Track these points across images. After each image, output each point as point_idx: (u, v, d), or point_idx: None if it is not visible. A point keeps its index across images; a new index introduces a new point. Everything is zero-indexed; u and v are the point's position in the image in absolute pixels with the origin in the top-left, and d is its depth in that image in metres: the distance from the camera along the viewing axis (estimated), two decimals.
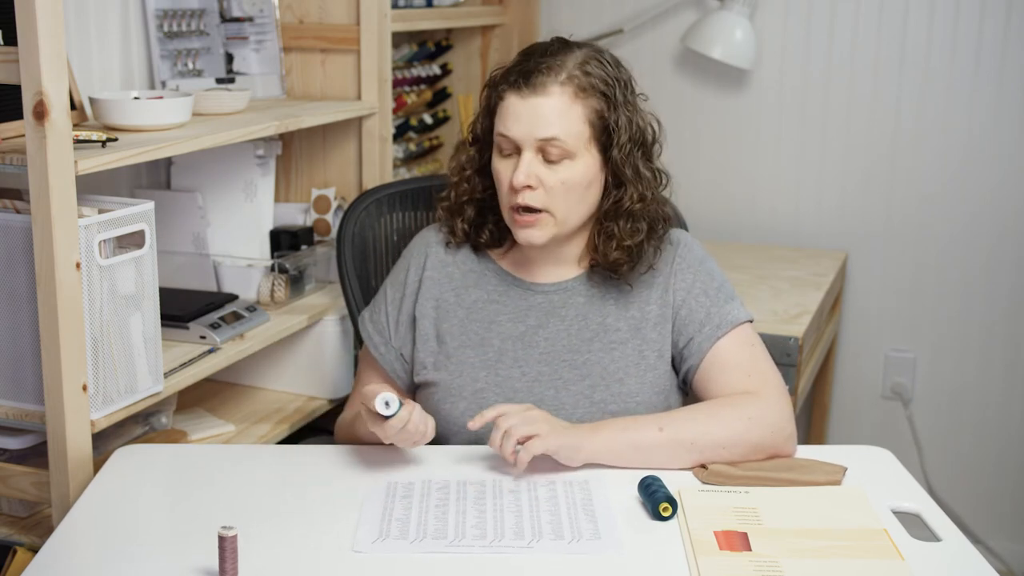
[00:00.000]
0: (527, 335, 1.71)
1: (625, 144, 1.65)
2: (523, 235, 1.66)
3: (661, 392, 1.69)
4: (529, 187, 1.62)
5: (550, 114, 1.61)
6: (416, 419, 1.53)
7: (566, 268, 1.74)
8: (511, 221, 1.67)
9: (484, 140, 1.74)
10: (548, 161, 1.62)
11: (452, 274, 1.77)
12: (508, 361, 1.70)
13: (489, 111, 1.71)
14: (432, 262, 1.78)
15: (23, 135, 1.51)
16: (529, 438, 1.53)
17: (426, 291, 1.76)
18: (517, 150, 1.64)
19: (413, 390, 1.78)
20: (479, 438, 1.66)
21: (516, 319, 1.72)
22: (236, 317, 1.99)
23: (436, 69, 2.91)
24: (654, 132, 1.71)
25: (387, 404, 1.50)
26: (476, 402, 1.67)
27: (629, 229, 1.67)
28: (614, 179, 1.67)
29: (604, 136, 1.65)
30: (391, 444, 1.66)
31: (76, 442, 1.59)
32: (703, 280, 1.71)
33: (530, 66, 1.64)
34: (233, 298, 2.08)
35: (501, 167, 1.66)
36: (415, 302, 1.76)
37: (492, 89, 1.70)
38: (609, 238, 1.68)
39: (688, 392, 1.73)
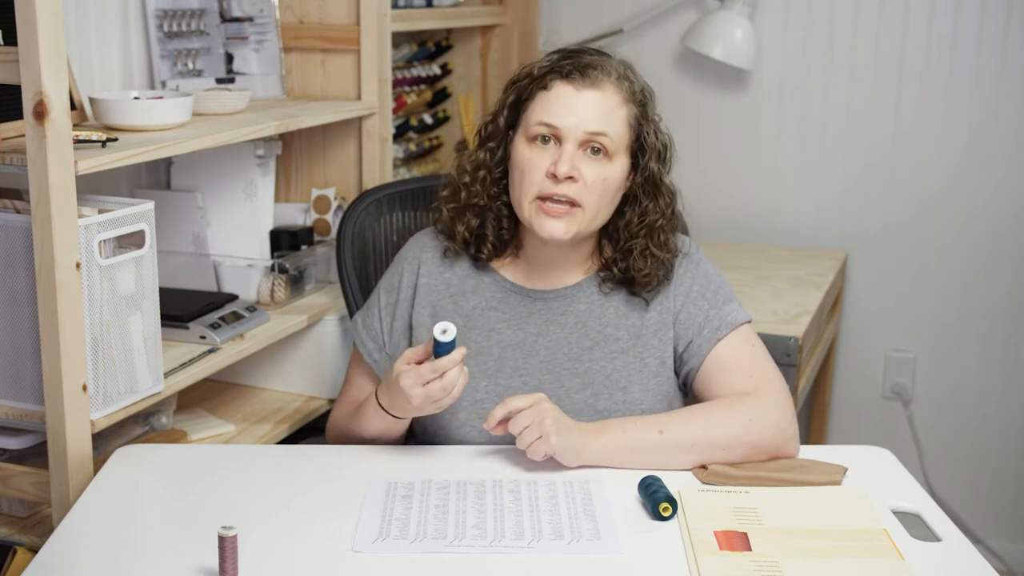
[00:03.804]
0: (527, 343, 1.69)
1: (654, 158, 1.67)
2: (548, 227, 1.62)
3: (665, 399, 1.68)
4: (571, 178, 1.61)
5: (603, 109, 1.62)
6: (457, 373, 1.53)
7: (567, 274, 1.72)
8: (533, 212, 1.63)
9: (498, 138, 1.70)
10: (588, 156, 1.62)
11: (449, 280, 1.74)
12: (508, 370, 1.68)
13: (517, 104, 1.68)
14: (427, 268, 1.75)
15: (23, 135, 1.51)
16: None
17: (422, 298, 1.73)
18: (557, 140, 1.62)
19: None
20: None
21: (515, 326, 1.70)
22: (236, 317, 1.99)
23: (436, 69, 2.91)
24: (669, 150, 1.72)
25: (444, 331, 1.49)
26: (476, 412, 1.66)
27: (663, 242, 1.68)
28: (644, 192, 1.68)
29: (636, 145, 1.66)
30: (387, 443, 1.67)
31: (76, 442, 1.59)
32: (700, 283, 1.71)
33: (583, 61, 1.64)
34: (233, 298, 2.08)
35: (532, 155, 1.63)
36: (411, 309, 1.74)
37: (531, 81, 1.66)
38: (643, 253, 1.67)
39: (688, 395, 1.73)
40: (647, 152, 1.66)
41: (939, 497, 2.99)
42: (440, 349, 1.51)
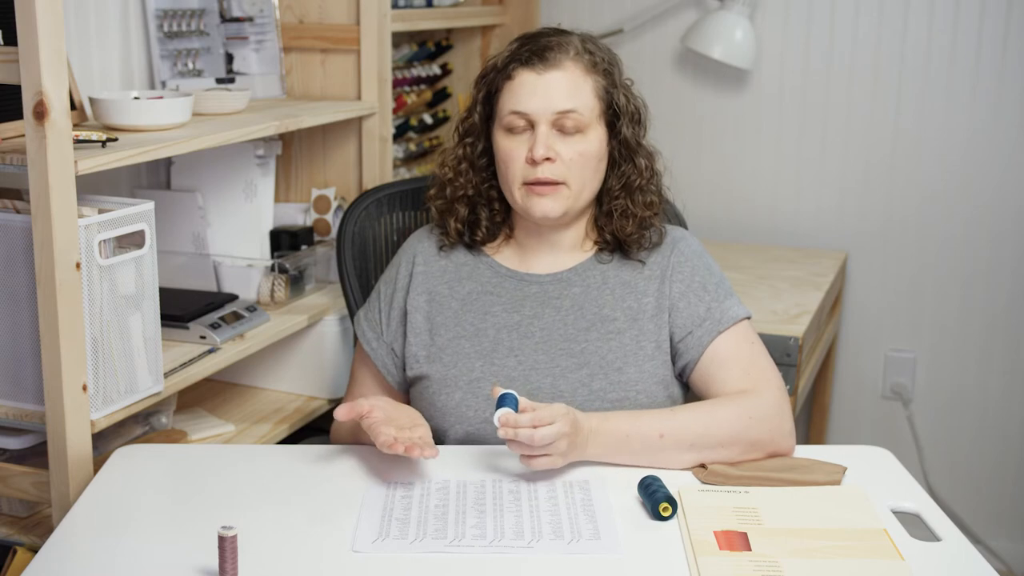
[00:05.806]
0: (522, 324, 1.71)
1: (628, 121, 1.71)
2: (539, 207, 1.67)
3: (661, 382, 1.68)
4: (548, 160, 1.65)
5: (567, 87, 1.66)
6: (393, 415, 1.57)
7: (562, 258, 1.75)
8: (524, 196, 1.68)
9: (477, 132, 1.75)
10: (563, 135, 1.66)
11: (445, 267, 1.78)
12: (503, 350, 1.70)
13: (488, 98, 1.73)
14: (423, 258, 1.79)
15: (23, 135, 1.51)
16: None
17: (418, 285, 1.76)
18: (530, 126, 1.66)
19: (405, 387, 1.78)
20: (476, 431, 1.66)
21: (511, 309, 1.72)
22: (236, 317, 1.99)
23: (436, 69, 2.91)
24: (642, 112, 1.76)
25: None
26: (472, 392, 1.67)
27: (644, 202, 1.73)
28: (621, 155, 1.72)
29: (610, 112, 1.70)
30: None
31: (76, 442, 1.59)
32: (702, 275, 1.72)
33: (540, 44, 1.68)
34: (233, 298, 2.08)
35: (511, 145, 1.68)
36: (406, 296, 1.77)
37: (496, 73, 1.72)
38: (623, 214, 1.72)
39: (687, 389, 1.73)
40: (621, 117, 1.71)
41: (939, 497, 2.99)
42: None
